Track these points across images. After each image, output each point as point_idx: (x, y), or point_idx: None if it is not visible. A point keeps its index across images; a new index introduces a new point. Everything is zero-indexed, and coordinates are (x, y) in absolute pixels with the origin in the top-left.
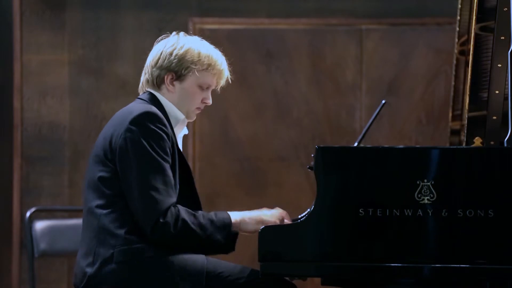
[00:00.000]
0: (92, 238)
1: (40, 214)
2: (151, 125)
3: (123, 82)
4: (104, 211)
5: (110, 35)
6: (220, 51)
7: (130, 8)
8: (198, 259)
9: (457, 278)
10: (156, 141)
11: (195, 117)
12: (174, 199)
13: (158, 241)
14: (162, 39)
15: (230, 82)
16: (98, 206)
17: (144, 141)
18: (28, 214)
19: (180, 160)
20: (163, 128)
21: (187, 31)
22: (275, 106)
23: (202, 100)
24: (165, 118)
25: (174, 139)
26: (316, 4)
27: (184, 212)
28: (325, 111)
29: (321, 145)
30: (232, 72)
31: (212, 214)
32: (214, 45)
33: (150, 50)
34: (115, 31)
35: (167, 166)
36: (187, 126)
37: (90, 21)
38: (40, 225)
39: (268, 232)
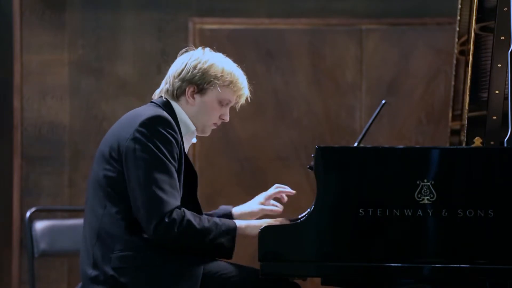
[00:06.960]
0: (91, 238)
1: (40, 214)
2: (161, 129)
3: (123, 82)
4: (106, 212)
5: (110, 35)
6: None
7: (130, 8)
8: (197, 262)
9: (457, 278)
10: (165, 144)
11: (210, 132)
12: (179, 202)
13: (160, 241)
14: (186, 51)
15: (249, 101)
16: (100, 206)
17: (153, 143)
18: (28, 214)
19: (187, 167)
20: (173, 133)
21: (187, 31)
22: (275, 106)
23: (220, 116)
24: (176, 125)
25: (182, 145)
26: (316, 4)
27: (189, 214)
28: (325, 111)
29: (321, 145)
30: None
31: (216, 219)
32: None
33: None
34: (115, 31)
35: (174, 170)
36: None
37: (90, 21)
38: (40, 225)
39: (268, 232)
